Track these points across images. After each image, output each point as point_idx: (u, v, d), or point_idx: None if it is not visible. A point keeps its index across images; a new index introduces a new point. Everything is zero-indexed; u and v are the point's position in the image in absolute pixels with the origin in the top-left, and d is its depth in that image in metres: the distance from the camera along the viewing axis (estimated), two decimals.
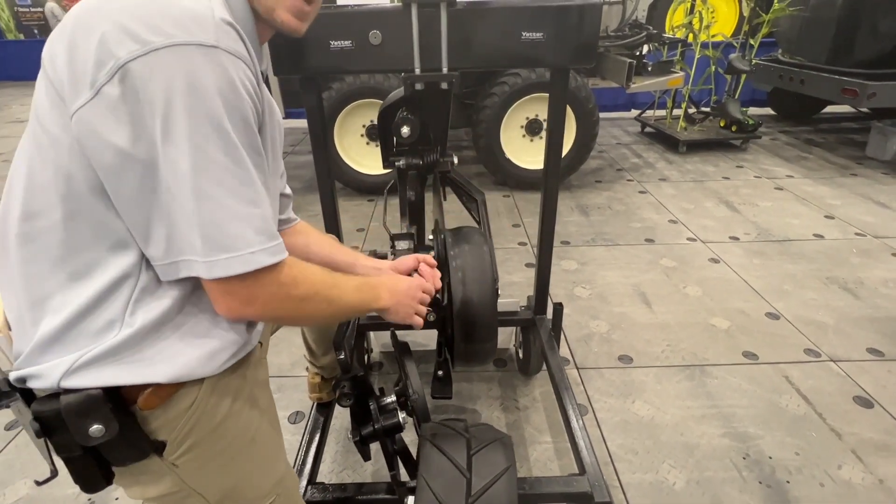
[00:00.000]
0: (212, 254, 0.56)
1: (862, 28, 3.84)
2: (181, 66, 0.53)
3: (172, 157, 0.54)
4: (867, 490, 1.45)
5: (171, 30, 0.53)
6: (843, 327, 2.14)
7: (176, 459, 0.65)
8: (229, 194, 0.56)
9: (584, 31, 1.25)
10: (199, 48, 0.54)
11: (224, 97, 0.55)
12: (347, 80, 3.27)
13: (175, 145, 0.54)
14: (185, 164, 0.54)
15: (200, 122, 0.54)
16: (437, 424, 0.92)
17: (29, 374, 0.59)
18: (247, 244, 0.58)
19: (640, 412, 1.74)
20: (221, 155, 0.56)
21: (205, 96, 0.54)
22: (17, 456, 1.61)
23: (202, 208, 0.55)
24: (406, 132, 1.29)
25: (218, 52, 0.55)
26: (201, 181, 0.55)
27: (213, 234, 0.56)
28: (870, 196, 3.46)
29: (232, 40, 0.57)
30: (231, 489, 0.71)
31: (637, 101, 5.75)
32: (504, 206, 3.46)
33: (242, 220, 0.57)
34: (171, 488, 0.67)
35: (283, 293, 0.64)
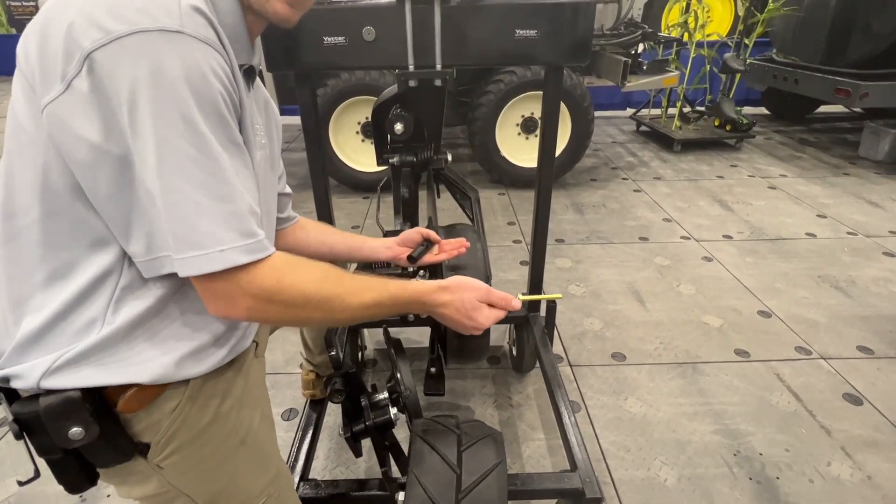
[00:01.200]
0: (182, 250, 0.54)
1: (855, 28, 3.86)
2: (144, 54, 0.51)
3: (141, 150, 0.52)
4: (856, 486, 1.47)
5: (134, 16, 0.51)
6: (834, 325, 2.16)
7: (161, 462, 0.64)
8: (197, 189, 0.54)
9: (578, 28, 1.25)
10: (161, 34, 0.51)
11: (191, 85, 0.52)
12: (342, 77, 3.26)
13: (142, 138, 0.52)
14: (152, 157, 0.52)
15: (165, 113, 0.51)
16: (428, 421, 0.92)
17: (10, 374, 0.58)
18: (216, 241, 0.54)
19: (632, 409, 1.75)
20: (188, 146, 0.53)
21: (169, 84, 0.51)
22: (7, 453, 1.60)
23: (170, 203, 0.53)
24: (400, 129, 1.29)
25: (183, 38, 0.52)
26: (168, 175, 0.52)
27: (182, 231, 0.54)
28: (862, 195, 3.49)
29: (199, 25, 0.55)
30: (220, 491, 0.70)
31: (632, 99, 5.76)
32: (499, 203, 3.46)
33: (211, 215, 0.54)
34: (158, 489, 0.66)
35: (265, 296, 0.59)
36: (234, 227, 0.56)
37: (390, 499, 0.99)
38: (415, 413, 0.93)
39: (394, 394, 0.96)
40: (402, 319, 1.24)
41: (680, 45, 4.41)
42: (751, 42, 4.46)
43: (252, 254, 0.57)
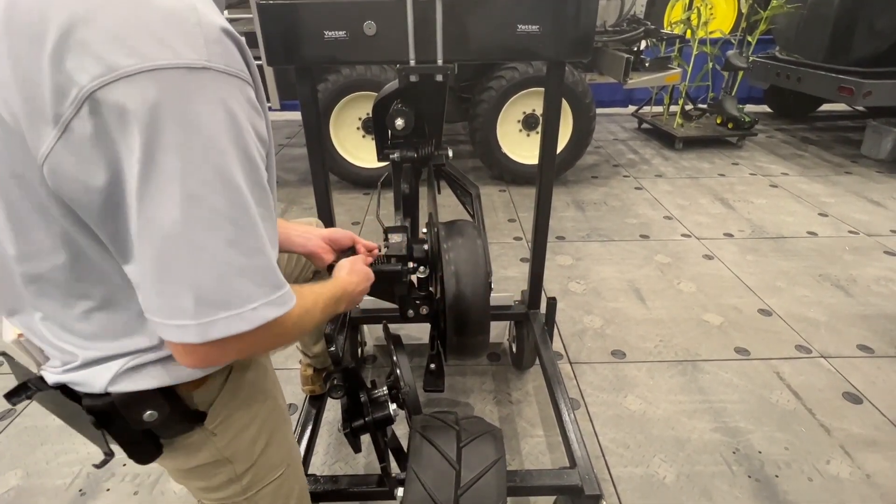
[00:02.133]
0: (207, 313, 0.49)
1: (859, 26, 3.84)
2: (165, 97, 0.44)
3: (157, 203, 0.46)
4: (854, 485, 1.47)
5: (148, 48, 0.44)
6: (834, 324, 2.16)
7: (215, 428, 0.68)
8: (227, 245, 0.49)
9: (580, 24, 1.25)
10: (187, 72, 0.44)
11: (220, 131, 0.47)
12: (343, 73, 3.25)
13: (160, 191, 0.46)
14: (174, 212, 0.46)
15: (193, 165, 0.46)
16: (427, 417, 0.92)
17: (70, 380, 0.60)
18: (247, 299, 0.51)
19: (632, 406, 1.75)
20: (219, 200, 0.48)
21: (196, 133, 0.46)
22: (7, 447, 1.61)
23: (191, 263, 0.48)
24: (400, 124, 1.29)
25: (211, 75, 0.46)
26: (193, 232, 0.47)
27: (208, 293, 0.49)
28: (864, 194, 3.48)
29: (227, 53, 0.49)
30: (257, 457, 0.75)
31: (634, 97, 5.74)
32: (500, 200, 3.45)
33: (243, 272, 0.51)
34: (208, 458, 0.70)
35: (282, 338, 0.60)
36: (265, 281, 0.53)
37: (389, 494, 1.00)
38: (414, 409, 0.93)
39: (393, 390, 0.96)
40: (402, 316, 1.24)
41: (682, 42, 4.39)
42: (753, 39, 4.44)
43: (282, 306, 0.55)
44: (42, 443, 1.62)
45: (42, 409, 1.77)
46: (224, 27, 0.50)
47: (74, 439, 1.63)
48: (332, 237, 1.08)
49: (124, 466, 1.54)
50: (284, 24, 1.22)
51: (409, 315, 1.24)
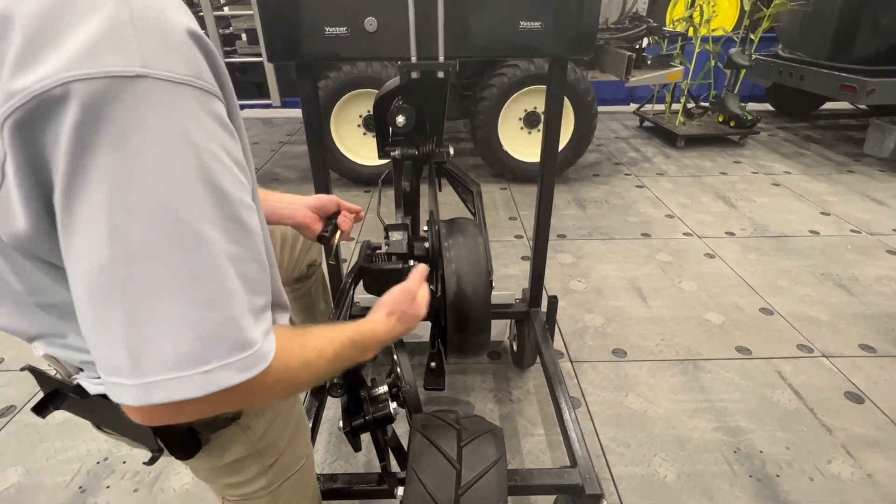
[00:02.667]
0: (145, 373, 0.41)
1: (863, 24, 3.82)
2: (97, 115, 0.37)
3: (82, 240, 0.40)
4: (856, 485, 1.46)
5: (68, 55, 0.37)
6: (836, 323, 2.15)
7: (249, 422, 0.69)
8: (171, 294, 0.41)
9: (583, 21, 1.24)
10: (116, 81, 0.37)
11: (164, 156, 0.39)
12: (344, 70, 3.24)
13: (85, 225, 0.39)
14: (102, 252, 0.39)
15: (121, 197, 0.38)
16: (427, 416, 0.92)
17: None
18: (199, 360, 0.42)
19: (632, 405, 1.74)
20: (159, 239, 0.40)
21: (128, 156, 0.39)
22: (8, 444, 1.61)
23: (124, 313, 0.40)
24: (402, 121, 1.28)
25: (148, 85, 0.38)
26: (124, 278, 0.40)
27: (146, 349, 0.41)
28: (866, 193, 3.46)
29: (176, 54, 0.41)
30: (284, 448, 0.75)
31: (636, 94, 5.72)
32: (501, 198, 3.45)
33: (192, 328, 0.42)
34: (241, 453, 0.70)
35: (263, 397, 0.52)
36: (220, 340, 0.44)
37: (390, 493, 0.99)
38: (415, 408, 0.92)
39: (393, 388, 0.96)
40: None
41: (685, 39, 4.37)
42: (756, 37, 4.42)
43: (245, 371, 0.45)
44: (42, 440, 1.62)
45: None
46: (190, 28, 0.43)
47: (74, 437, 1.63)
48: (318, 205, 1.03)
49: (124, 464, 1.54)
50: (285, 20, 1.21)
51: None
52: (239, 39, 3.53)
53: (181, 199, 0.41)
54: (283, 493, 0.78)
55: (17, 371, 1.90)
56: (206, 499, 1.43)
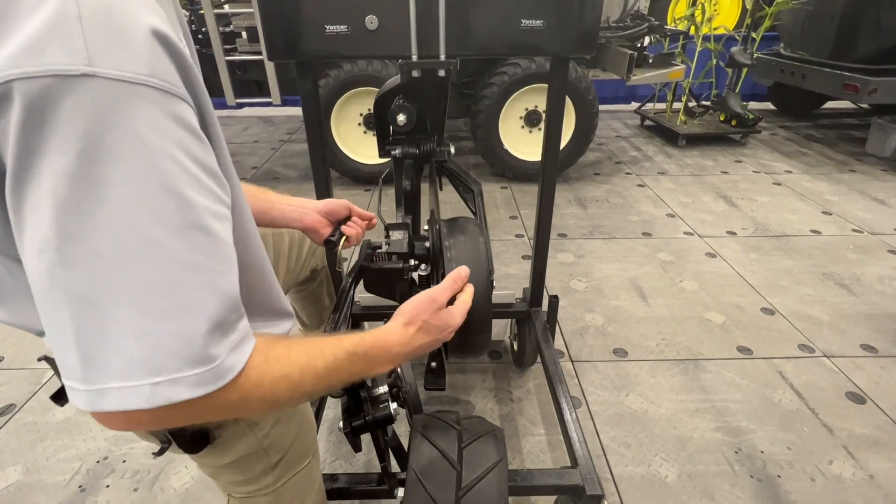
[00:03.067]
0: (95, 379, 0.40)
1: (865, 22, 3.81)
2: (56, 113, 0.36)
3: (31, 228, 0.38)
4: (857, 485, 1.46)
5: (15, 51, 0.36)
6: (837, 323, 2.14)
7: (256, 420, 0.69)
8: (123, 300, 0.39)
9: (585, 19, 1.23)
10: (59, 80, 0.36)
11: (121, 158, 0.38)
12: (345, 68, 3.23)
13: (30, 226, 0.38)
14: (52, 259, 0.38)
15: (72, 197, 0.37)
16: (428, 416, 0.91)
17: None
18: (149, 370, 0.41)
19: (633, 405, 1.74)
20: (110, 246, 0.39)
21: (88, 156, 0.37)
22: (7, 442, 1.60)
23: (82, 321, 0.39)
24: (402, 120, 1.27)
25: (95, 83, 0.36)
26: (78, 283, 0.38)
27: (96, 353, 0.40)
28: (868, 192, 3.46)
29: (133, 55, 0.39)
30: (288, 447, 0.76)
31: (637, 93, 5.71)
32: (502, 197, 3.44)
33: (142, 336, 0.40)
34: (248, 450, 0.70)
35: (232, 411, 0.49)
36: (175, 352, 0.41)
37: (390, 494, 0.99)
38: (415, 408, 0.92)
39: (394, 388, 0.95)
40: None
41: (686, 38, 4.36)
42: (758, 36, 4.40)
43: (199, 387, 0.43)
44: (42, 439, 1.61)
45: (43, 406, 1.76)
46: (154, 27, 0.40)
47: (74, 435, 1.63)
48: (328, 209, 1.03)
49: (124, 463, 1.54)
50: (285, 18, 1.20)
51: None
52: (239, 37, 3.52)
53: (135, 205, 0.39)
54: (288, 490, 0.78)
55: (18, 369, 1.90)
56: (206, 498, 1.43)
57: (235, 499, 0.78)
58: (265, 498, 0.77)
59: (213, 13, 3.16)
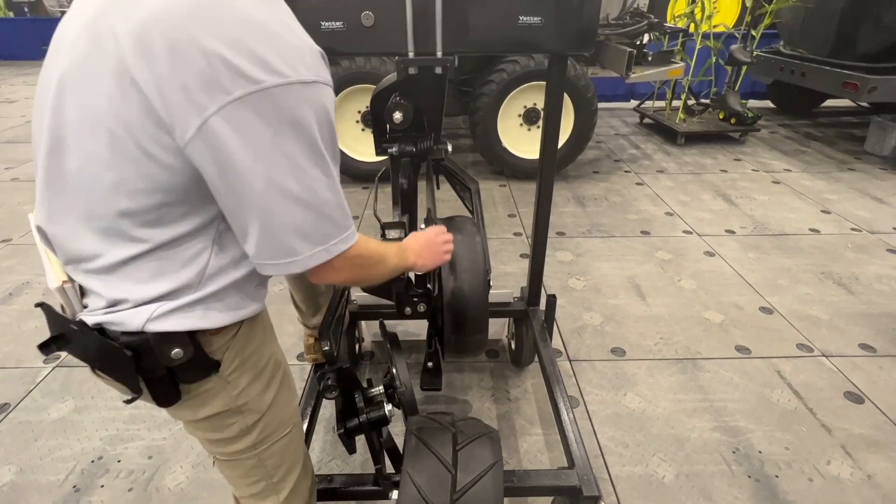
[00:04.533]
0: (305, 249, 0.65)
1: (865, 21, 3.80)
2: (288, 106, 0.58)
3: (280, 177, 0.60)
4: (855, 485, 1.45)
5: (280, 66, 0.57)
6: (836, 323, 2.14)
7: (229, 376, 0.74)
8: (324, 202, 0.64)
9: (583, 16, 1.21)
10: (303, 86, 0.59)
11: (320, 126, 0.62)
12: (343, 65, 3.21)
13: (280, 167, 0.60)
14: (294, 184, 0.61)
15: (303, 149, 0.61)
16: (423, 418, 0.90)
17: (110, 321, 0.66)
18: (329, 239, 0.66)
19: (631, 405, 1.73)
20: (319, 172, 0.63)
21: (307, 128, 0.60)
22: (2, 442, 1.59)
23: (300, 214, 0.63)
24: (398, 118, 1.26)
25: (318, 87, 0.61)
26: (305, 196, 0.62)
27: (309, 233, 0.64)
28: (867, 191, 3.45)
29: (324, 68, 0.63)
30: (265, 409, 0.80)
31: (637, 91, 5.70)
32: (500, 195, 3.43)
33: (326, 217, 0.65)
34: (220, 407, 0.75)
35: (357, 266, 0.74)
36: (342, 224, 0.68)
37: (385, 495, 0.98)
38: (410, 409, 0.91)
39: (389, 389, 0.94)
40: (400, 313, 1.22)
41: (686, 36, 4.35)
42: (758, 34, 4.39)
43: (349, 241, 0.69)
44: (36, 438, 1.60)
45: (37, 405, 1.74)
46: (318, 49, 0.64)
47: (69, 435, 1.62)
48: None
49: (119, 463, 1.53)
50: None
51: (407, 312, 1.23)
52: None
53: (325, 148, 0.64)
54: (271, 457, 0.83)
55: (12, 368, 1.89)
56: (202, 498, 1.42)
57: (220, 461, 0.82)
58: (249, 462, 0.81)
59: None
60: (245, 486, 0.85)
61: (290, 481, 0.87)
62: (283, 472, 0.86)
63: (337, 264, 0.70)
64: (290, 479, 0.87)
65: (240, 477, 0.84)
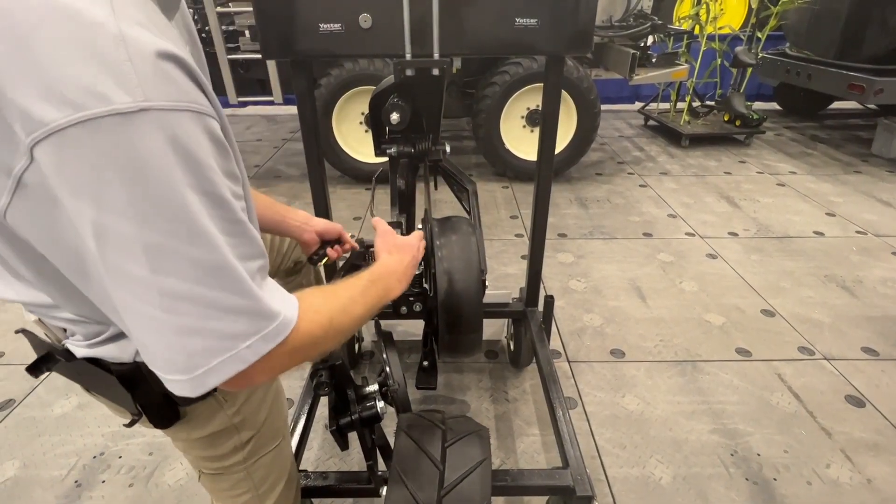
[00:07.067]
0: (198, 364, 0.48)
1: (871, 23, 3.77)
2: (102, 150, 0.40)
3: (121, 265, 0.44)
4: (854, 489, 1.44)
5: (76, 96, 0.38)
6: (839, 326, 2.12)
7: (226, 396, 0.72)
8: (205, 290, 0.46)
9: (579, 17, 1.22)
10: (122, 119, 0.39)
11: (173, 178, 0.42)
12: (346, 67, 3.23)
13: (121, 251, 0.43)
14: (141, 269, 0.44)
15: (147, 221, 0.42)
16: (413, 416, 0.91)
17: (99, 354, 0.62)
18: (239, 338, 0.49)
19: (629, 406, 1.73)
20: (184, 245, 0.44)
21: (144, 186, 0.41)
22: (5, 437, 1.62)
23: (170, 317, 0.46)
24: (396, 119, 1.27)
25: (151, 116, 0.40)
26: (163, 287, 0.45)
27: (195, 342, 0.47)
28: (873, 194, 3.42)
29: (169, 82, 0.42)
30: (261, 424, 0.78)
31: (641, 93, 5.68)
32: (502, 196, 3.43)
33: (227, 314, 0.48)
34: (218, 426, 0.72)
35: (291, 358, 0.57)
36: (252, 318, 0.50)
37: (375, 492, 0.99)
38: (403, 407, 0.92)
39: (383, 387, 0.95)
40: (395, 312, 1.23)
41: (690, 37, 4.33)
42: (763, 36, 4.37)
43: (276, 338, 0.52)
44: (39, 434, 1.63)
45: (41, 401, 1.77)
46: (162, 50, 0.42)
47: (72, 431, 1.64)
48: (324, 230, 1.14)
49: (120, 459, 1.54)
50: (279, 17, 1.20)
51: (403, 312, 1.23)
52: (242, 36, 3.53)
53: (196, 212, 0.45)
54: (259, 468, 0.81)
55: (17, 365, 1.92)
56: (201, 494, 1.44)
57: (206, 475, 0.80)
58: (237, 475, 0.79)
59: (215, 12, 3.17)
60: (229, 499, 0.83)
61: (275, 492, 0.86)
62: (269, 483, 0.84)
63: (266, 366, 0.52)
64: (276, 490, 0.86)
65: (225, 490, 0.81)
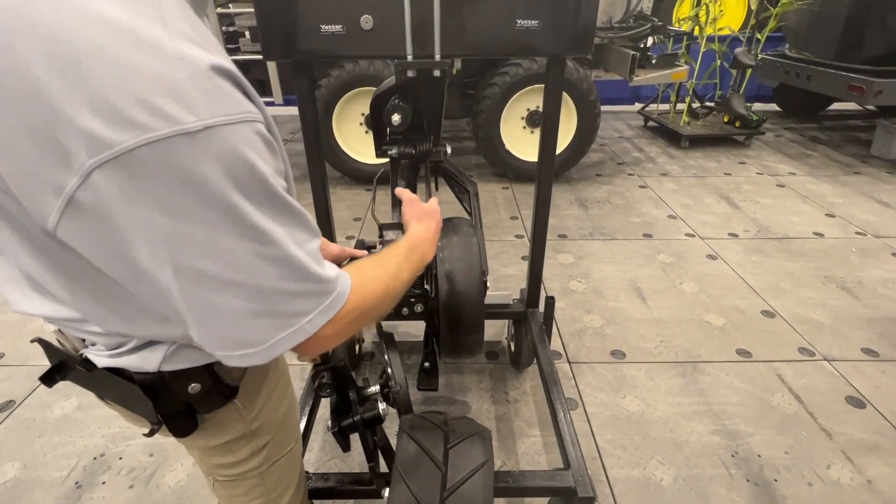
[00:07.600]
0: (269, 337, 0.53)
1: (871, 24, 3.78)
2: (168, 168, 0.42)
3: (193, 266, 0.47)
4: (855, 490, 1.44)
5: (140, 116, 0.40)
6: (839, 327, 2.13)
7: (244, 402, 0.72)
8: (273, 280, 0.50)
9: (580, 18, 1.22)
10: (188, 138, 0.41)
11: (233, 186, 0.45)
12: (347, 68, 3.24)
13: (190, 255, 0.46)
14: (216, 268, 0.47)
15: (215, 226, 0.45)
16: (415, 417, 0.91)
17: (122, 365, 0.62)
18: (301, 314, 0.54)
19: (630, 407, 1.73)
20: (252, 244, 0.48)
21: (209, 197, 0.44)
22: (6, 438, 1.62)
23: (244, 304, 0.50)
24: (397, 120, 1.27)
25: (216, 133, 0.43)
26: (236, 278, 0.48)
27: (267, 322, 0.52)
28: (872, 195, 3.42)
29: (224, 98, 0.44)
30: (276, 430, 0.78)
31: (641, 94, 5.69)
32: (503, 197, 3.43)
33: (292, 296, 0.53)
34: (236, 433, 0.72)
35: (350, 327, 0.61)
36: (313, 296, 0.55)
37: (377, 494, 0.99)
38: (405, 408, 0.92)
39: (385, 388, 0.95)
40: (396, 313, 1.23)
41: (690, 39, 4.34)
42: (763, 37, 4.37)
43: (331, 310, 0.56)
44: (40, 435, 1.63)
45: (42, 402, 1.77)
46: (214, 65, 0.44)
47: (72, 432, 1.64)
48: (336, 255, 1.08)
49: (120, 460, 1.54)
50: (281, 18, 1.20)
51: (404, 313, 1.24)
52: (242, 37, 3.53)
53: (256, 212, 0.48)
54: (273, 473, 0.81)
55: (18, 366, 1.91)
56: (202, 495, 1.44)
57: (220, 482, 0.80)
58: (251, 481, 0.79)
59: (216, 12, 3.17)
60: None
61: (287, 496, 0.86)
62: (281, 488, 0.84)
63: (328, 332, 0.57)
64: (287, 495, 0.86)
65: (239, 496, 0.81)
